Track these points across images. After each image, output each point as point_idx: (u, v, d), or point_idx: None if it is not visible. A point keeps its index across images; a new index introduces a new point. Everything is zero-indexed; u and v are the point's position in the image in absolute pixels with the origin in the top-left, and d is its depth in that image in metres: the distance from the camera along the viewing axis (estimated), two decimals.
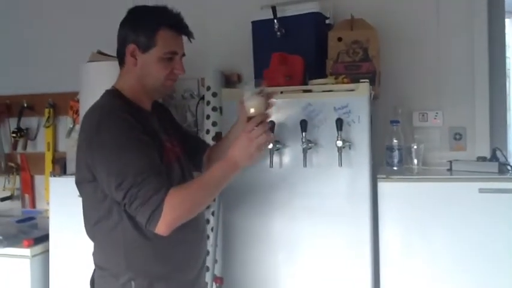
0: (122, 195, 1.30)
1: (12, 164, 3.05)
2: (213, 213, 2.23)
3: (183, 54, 1.50)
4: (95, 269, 1.50)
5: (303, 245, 1.87)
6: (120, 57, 1.48)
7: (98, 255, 1.48)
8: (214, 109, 2.42)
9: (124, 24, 1.47)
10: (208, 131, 2.42)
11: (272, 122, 1.58)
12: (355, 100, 1.81)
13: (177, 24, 1.46)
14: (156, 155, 1.36)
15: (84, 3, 2.90)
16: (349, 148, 1.79)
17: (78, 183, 1.46)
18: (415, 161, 2.01)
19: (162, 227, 1.29)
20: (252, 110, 1.45)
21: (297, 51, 2.04)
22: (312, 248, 1.86)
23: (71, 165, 2.78)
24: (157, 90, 1.50)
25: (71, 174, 2.51)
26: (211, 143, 2.36)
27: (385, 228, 1.82)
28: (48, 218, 2.48)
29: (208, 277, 2.04)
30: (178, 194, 1.31)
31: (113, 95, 1.47)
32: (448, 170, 1.99)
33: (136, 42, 1.42)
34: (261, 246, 1.90)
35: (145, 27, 1.42)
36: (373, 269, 1.81)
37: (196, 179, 1.41)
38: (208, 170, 1.43)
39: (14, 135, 3.00)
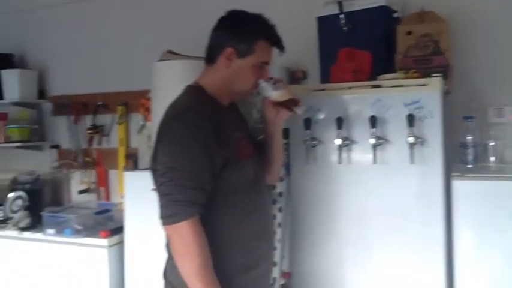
0: (160, 182, 1.37)
1: (89, 159, 3.23)
2: (280, 209, 2.25)
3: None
4: (167, 260, 1.54)
5: (372, 243, 1.84)
6: (211, 56, 1.52)
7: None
8: None
9: (225, 26, 1.51)
10: None
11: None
12: (427, 95, 1.75)
13: (274, 37, 1.52)
14: (209, 171, 1.37)
15: (155, 4, 3.01)
16: (421, 145, 1.74)
17: (152, 172, 1.50)
18: (492, 158, 1.92)
19: (169, 231, 1.36)
20: (278, 97, 1.55)
21: (364, 46, 2.01)
22: (381, 247, 1.83)
23: (143, 161, 2.91)
24: (241, 94, 1.57)
25: (143, 169, 2.62)
26: None
27: (459, 229, 1.75)
28: (122, 210, 2.62)
29: (276, 272, 2.07)
30: (199, 232, 1.34)
31: (196, 90, 1.52)
32: None
33: (236, 47, 1.47)
34: (329, 242, 1.90)
35: (246, 35, 1.48)
36: (446, 271, 1.75)
37: (209, 267, 1.37)
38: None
39: (90, 131, 3.18)
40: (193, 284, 1.35)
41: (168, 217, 1.35)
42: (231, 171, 1.42)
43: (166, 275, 1.55)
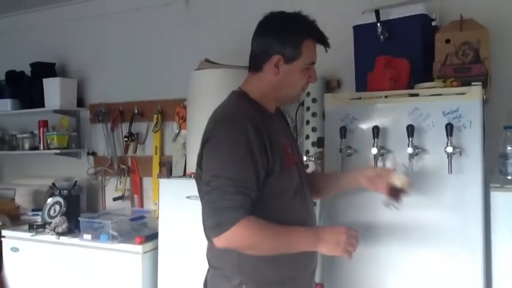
0: (205, 191, 1.34)
1: (124, 166, 3.29)
2: None
3: None
4: (208, 269, 1.53)
5: (409, 254, 1.81)
6: (256, 64, 1.47)
7: (212, 254, 1.49)
8: (314, 115, 2.43)
9: (268, 33, 1.45)
10: (308, 136, 2.43)
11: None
12: (466, 104, 1.72)
13: (319, 35, 1.47)
14: (255, 179, 1.34)
15: (192, 13, 3.06)
16: (460, 154, 1.71)
17: (196, 180, 1.50)
18: None
19: (221, 241, 1.32)
20: (398, 182, 1.54)
21: (401, 55, 2.00)
22: (418, 258, 1.79)
23: (177, 168, 2.95)
24: (291, 98, 1.56)
25: (177, 177, 2.66)
26: (311, 148, 2.38)
27: (498, 241, 1.69)
28: (156, 217, 2.65)
29: None
30: (254, 226, 1.32)
31: (241, 95, 1.49)
32: None
33: (282, 53, 1.42)
34: (363, 253, 1.86)
35: (291, 39, 1.43)
36: (485, 284, 1.70)
37: (278, 228, 1.38)
38: (291, 226, 1.41)
39: (126, 139, 3.25)
40: (284, 248, 1.41)
41: (217, 226, 1.31)
42: (276, 177, 1.39)
43: (206, 283, 1.54)
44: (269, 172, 1.38)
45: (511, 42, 2.21)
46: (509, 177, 1.91)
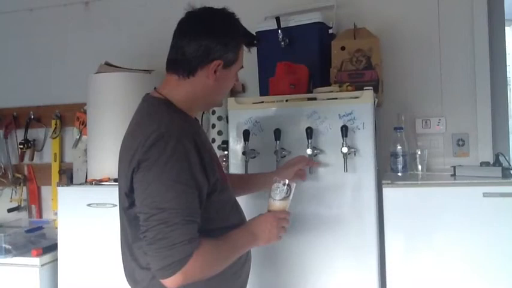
0: (146, 228, 1.18)
1: (19, 175, 3.08)
2: None
3: None
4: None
5: (307, 249, 1.89)
6: (190, 68, 1.32)
7: (137, 273, 1.33)
8: (219, 118, 2.45)
9: (208, 34, 1.31)
10: (214, 140, 2.45)
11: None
12: (359, 107, 1.84)
13: (254, 39, 1.42)
14: (199, 204, 1.23)
15: (91, 15, 2.95)
16: (355, 154, 1.82)
17: (124, 210, 1.34)
18: (420, 167, 2.03)
19: (178, 279, 1.17)
20: (276, 208, 1.46)
21: (301, 61, 2.08)
22: (316, 253, 1.88)
23: (78, 176, 2.82)
24: (216, 104, 1.47)
25: (79, 184, 2.55)
26: (217, 151, 2.40)
27: (390, 233, 1.83)
28: (55, 228, 2.51)
29: None
30: (207, 252, 1.22)
31: (166, 105, 1.33)
32: (451, 175, 2.01)
33: (224, 58, 1.32)
34: (263, 252, 1.89)
35: (233, 43, 1.34)
36: (379, 274, 1.83)
37: (224, 242, 1.30)
38: (230, 234, 1.33)
39: (21, 146, 3.03)
40: (234, 257, 1.33)
41: (170, 266, 1.16)
42: (217, 194, 1.31)
43: None
44: (209, 192, 1.28)
45: (401, 50, 2.39)
46: (399, 174, 2.07)
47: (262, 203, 1.52)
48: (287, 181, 1.47)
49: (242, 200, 1.57)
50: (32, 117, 3.02)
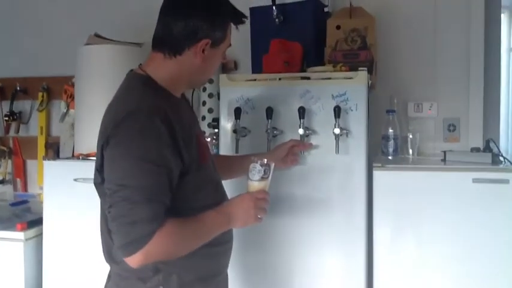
0: (110, 203, 1.17)
1: (4, 148, 3.02)
2: None
3: None
4: (111, 276, 1.38)
5: (295, 230, 1.88)
6: (178, 47, 1.29)
7: (114, 251, 1.30)
8: (210, 95, 2.42)
9: (195, 13, 1.28)
10: (204, 117, 2.41)
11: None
12: (353, 88, 1.81)
13: (241, 17, 1.38)
14: (168, 183, 1.20)
15: None
16: (347, 136, 1.80)
17: (96, 186, 1.33)
18: (410, 150, 2.03)
19: (137, 258, 1.15)
20: (255, 189, 1.42)
21: (295, 39, 2.04)
22: (304, 235, 1.87)
23: (64, 150, 2.78)
24: (201, 83, 1.46)
25: (65, 158, 2.51)
26: (207, 129, 2.37)
27: (379, 216, 1.83)
28: (41, 202, 2.47)
29: None
30: (171, 233, 1.18)
31: (146, 83, 1.29)
32: (442, 160, 2.01)
33: (212, 37, 1.29)
34: (250, 233, 1.86)
35: (221, 22, 1.31)
36: (366, 257, 1.83)
37: (192, 223, 1.27)
38: (201, 216, 1.29)
39: (7, 118, 2.97)
40: (202, 240, 1.29)
41: (129, 244, 1.14)
42: (192, 175, 1.28)
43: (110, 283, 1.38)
44: (184, 172, 1.25)
45: (396, 31, 2.37)
46: (390, 158, 2.07)
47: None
48: (265, 161, 1.43)
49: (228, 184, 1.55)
50: (18, 88, 2.95)
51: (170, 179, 1.20)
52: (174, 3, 1.31)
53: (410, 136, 2.08)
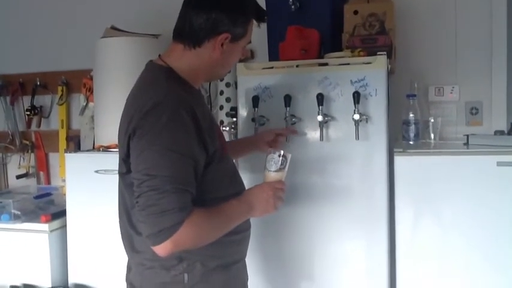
0: (138, 193, 1.18)
1: (27, 142, 3.08)
2: None
3: None
4: (132, 265, 1.39)
5: (317, 216, 1.87)
6: (198, 39, 1.30)
7: (136, 241, 1.33)
8: (227, 85, 2.41)
9: (217, 7, 1.29)
10: (222, 107, 2.41)
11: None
12: (372, 73, 1.78)
13: (263, 15, 1.40)
14: (193, 173, 1.22)
15: None
16: (366, 122, 1.78)
17: (122, 176, 1.35)
18: (432, 135, 1.99)
19: (167, 247, 1.17)
20: (272, 179, 1.45)
21: (312, 25, 2.01)
22: (326, 221, 1.86)
23: (85, 142, 2.81)
24: (219, 76, 1.51)
25: (86, 151, 2.54)
26: (225, 119, 2.36)
27: (401, 202, 1.81)
28: (63, 194, 2.51)
29: None
30: (198, 222, 1.20)
31: (168, 74, 1.31)
32: (464, 144, 1.97)
33: (232, 32, 1.31)
34: (270, 222, 1.87)
35: (242, 18, 1.32)
36: (388, 244, 1.81)
37: (218, 213, 1.29)
38: (225, 205, 1.31)
39: (28, 113, 3.02)
40: (227, 229, 1.31)
41: (159, 233, 1.15)
42: (215, 165, 1.30)
43: (133, 284, 1.39)
44: (208, 162, 1.27)
45: (415, 15, 2.32)
46: (411, 143, 2.04)
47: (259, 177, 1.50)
48: (282, 152, 1.45)
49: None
50: (38, 83, 2.99)
51: (196, 169, 1.22)
52: None
53: (432, 120, 2.04)
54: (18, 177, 3.05)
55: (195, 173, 1.22)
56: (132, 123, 1.22)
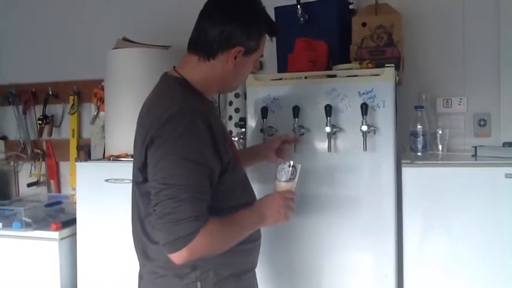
0: (156, 202, 1.20)
1: (38, 151, 3.12)
2: None
3: None
4: (144, 274, 1.41)
5: (325, 228, 1.88)
6: (212, 51, 1.33)
7: (150, 249, 1.36)
8: (237, 95, 2.43)
9: (232, 20, 1.32)
10: (231, 117, 2.43)
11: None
12: (380, 85, 1.80)
13: (276, 30, 1.43)
14: (209, 183, 1.24)
15: None
16: (374, 133, 1.79)
17: (137, 185, 1.37)
18: (440, 146, 2.00)
19: (183, 255, 1.19)
20: (282, 189, 1.48)
21: (320, 37, 2.04)
22: (333, 231, 1.87)
23: (95, 151, 2.84)
24: (232, 89, 1.54)
25: (96, 160, 2.57)
26: (234, 129, 2.39)
27: (408, 214, 1.81)
28: (74, 202, 2.54)
29: None
30: (213, 230, 1.23)
31: (183, 84, 1.35)
32: (472, 155, 1.97)
33: (246, 45, 1.34)
34: (280, 232, 1.89)
35: (256, 32, 1.36)
36: (396, 256, 1.81)
37: (231, 222, 1.31)
38: (238, 214, 1.34)
39: (40, 122, 3.06)
40: (241, 237, 1.34)
41: (176, 241, 1.17)
42: (228, 174, 1.32)
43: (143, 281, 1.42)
44: (222, 172, 1.30)
45: (423, 26, 2.34)
46: (419, 154, 2.04)
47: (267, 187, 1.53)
48: (292, 162, 1.48)
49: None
50: (50, 93, 3.04)
51: (211, 178, 1.25)
52: (214, 9, 1.35)
53: (440, 132, 2.05)
54: (29, 185, 3.09)
55: (210, 182, 1.25)
56: (150, 133, 1.25)
